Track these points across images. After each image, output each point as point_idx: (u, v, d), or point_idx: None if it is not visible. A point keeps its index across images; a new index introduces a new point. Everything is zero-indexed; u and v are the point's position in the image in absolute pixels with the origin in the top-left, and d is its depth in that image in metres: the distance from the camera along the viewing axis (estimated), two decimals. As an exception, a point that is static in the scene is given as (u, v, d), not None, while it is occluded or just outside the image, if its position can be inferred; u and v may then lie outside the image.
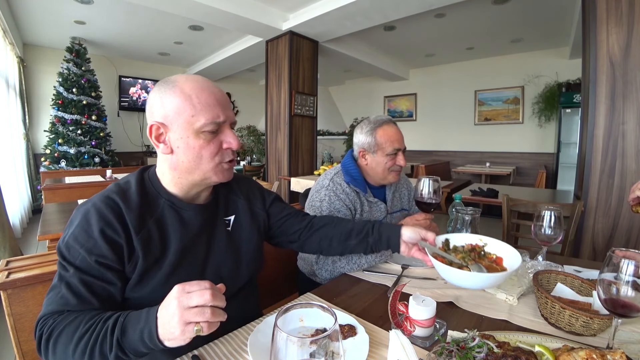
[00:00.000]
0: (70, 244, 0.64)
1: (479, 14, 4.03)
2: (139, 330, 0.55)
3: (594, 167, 2.07)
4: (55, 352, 0.59)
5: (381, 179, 1.28)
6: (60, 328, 0.59)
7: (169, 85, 0.70)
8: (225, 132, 0.72)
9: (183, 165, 0.71)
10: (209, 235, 0.79)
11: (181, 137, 0.69)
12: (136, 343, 0.55)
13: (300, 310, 0.50)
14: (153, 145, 0.73)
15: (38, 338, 0.60)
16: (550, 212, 1.02)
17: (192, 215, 0.76)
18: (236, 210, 0.87)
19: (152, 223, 0.70)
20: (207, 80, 0.73)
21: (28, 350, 0.82)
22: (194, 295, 0.53)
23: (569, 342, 0.65)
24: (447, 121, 6.63)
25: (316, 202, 1.21)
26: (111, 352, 0.55)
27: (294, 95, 4.33)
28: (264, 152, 6.70)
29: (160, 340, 0.54)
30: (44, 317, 0.62)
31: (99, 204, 0.67)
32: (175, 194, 0.75)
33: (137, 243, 0.67)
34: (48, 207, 2.16)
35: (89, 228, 0.64)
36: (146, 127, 0.73)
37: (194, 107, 0.68)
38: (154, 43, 5.32)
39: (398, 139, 1.23)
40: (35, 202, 4.96)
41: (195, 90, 0.69)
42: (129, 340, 0.55)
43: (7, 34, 3.83)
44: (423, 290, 0.95)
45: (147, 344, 0.55)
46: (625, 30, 1.90)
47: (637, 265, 0.55)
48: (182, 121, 0.68)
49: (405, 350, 0.50)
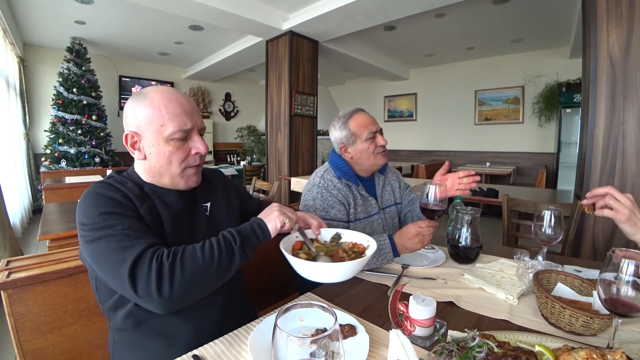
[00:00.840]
0: (102, 214, 0.68)
1: (479, 14, 4.03)
2: (249, 227, 0.76)
3: (594, 167, 2.07)
4: (183, 268, 0.64)
5: (371, 166, 1.28)
6: (181, 249, 0.67)
7: (141, 97, 0.76)
8: (193, 138, 0.79)
9: (155, 169, 0.78)
10: (190, 219, 0.84)
11: (153, 145, 0.76)
12: (251, 236, 0.74)
13: (300, 310, 0.50)
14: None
15: (157, 267, 0.62)
16: (550, 212, 1.02)
17: (173, 199, 0.81)
18: (212, 197, 0.92)
19: (149, 201, 0.77)
20: (175, 90, 0.80)
21: (28, 350, 0.82)
22: (286, 210, 0.80)
23: (569, 342, 0.65)
24: (447, 121, 6.63)
25: (309, 200, 1.21)
26: (235, 243, 0.71)
27: (294, 95, 4.33)
28: (264, 152, 6.71)
29: (265, 223, 0.77)
30: (146, 252, 0.64)
31: (103, 185, 0.74)
32: (155, 184, 0.81)
33: (143, 213, 0.73)
34: (48, 207, 2.16)
35: (112, 199, 0.71)
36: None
37: (162, 117, 0.74)
38: (154, 43, 5.32)
39: (371, 122, 1.26)
40: (35, 202, 4.96)
41: (164, 101, 0.75)
42: (245, 238, 0.73)
43: (7, 34, 3.83)
44: (423, 290, 0.95)
45: (258, 233, 0.75)
46: (625, 30, 1.90)
47: (637, 265, 0.55)
48: (152, 130, 0.75)
49: (405, 350, 0.50)
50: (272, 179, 4.75)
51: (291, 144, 4.44)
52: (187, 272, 0.64)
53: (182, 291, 0.64)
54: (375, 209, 1.31)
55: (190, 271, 0.64)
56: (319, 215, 1.16)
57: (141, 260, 0.63)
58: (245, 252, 0.72)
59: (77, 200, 0.72)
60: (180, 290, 0.63)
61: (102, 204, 0.69)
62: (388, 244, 1.07)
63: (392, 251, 1.07)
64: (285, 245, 0.83)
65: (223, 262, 0.68)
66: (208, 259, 0.67)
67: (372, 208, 1.30)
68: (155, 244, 0.68)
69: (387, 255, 1.07)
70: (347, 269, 0.76)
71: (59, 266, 0.90)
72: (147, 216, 0.74)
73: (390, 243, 1.08)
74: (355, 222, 1.24)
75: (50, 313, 0.86)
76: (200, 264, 0.66)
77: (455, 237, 1.16)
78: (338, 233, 0.93)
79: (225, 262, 0.69)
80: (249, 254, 0.74)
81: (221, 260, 0.68)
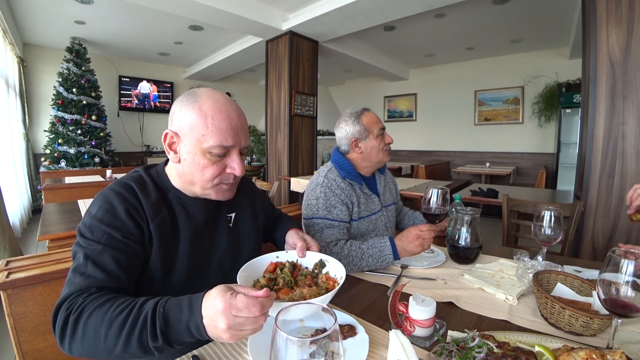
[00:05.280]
0: (94, 225, 0.66)
1: (479, 14, 4.03)
2: (185, 322, 0.53)
3: (594, 167, 2.07)
4: (84, 334, 0.56)
5: (378, 162, 1.31)
6: (92, 307, 0.57)
7: (192, 99, 0.72)
8: (232, 156, 0.74)
9: (187, 176, 0.74)
10: (212, 230, 0.82)
11: (189, 152, 0.72)
12: (182, 334, 0.54)
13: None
14: (153, 146, 0.75)
15: (64, 319, 0.57)
16: (550, 212, 1.02)
17: (197, 210, 0.79)
18: (238, 208, 0.89)
19: (164, 212, 0.74)
20: (229, 101, 0.74)
21: (28, 350, 0.82)
22: (243, 320, 0.52)
23: (569, 342, 0.65)
24: (447, 121, 6.63)
25: (312, 200, 1.21)
26: (154, 341, 0.53)
27: (294, 95, 4.33)
28: (264, 152, 6.70)
29: (208, 336, 0.53)
30: (71, 296, 0.60)
31: (118, 189, 0.71)
32: (182, 191, 0.79)
33: (152, 228, 0.70)
34: (48, 207, 2.16)
35: (114, 210, 0.68)
36: (145, 127, 0.75)
37: (206, 127, 0.69)
38: (154, 43, 5.32)
39: (379, 120, 1.32)
40: (35, 202, 4.96)
41: (213, 110, 0.70)
42: (174, 331, 0.54)
43: (7, 34, 3.83)
44: (423, 290, 0.95)
45: (195, 336, 0.54)
46: (625, 30, 1.90)
47: (637, 265, 0.55)
48: (192, 137, 0.71)
49: (405, 350, 0.50)
50: (272, 179, 4.75)
51: (291, 144, 4.44)
52: (85, 342, 0.56)
53: (79, 353, 0.57)
54: (378, 206, 1.32)
55: (88, 344, 0.56)
56: (321, 215, 1.16)
57: (62, 304, 0.59)
58: (161, 351, 0.56)
59: (77, 201, 0.72)
60: (77, 351, 0.57)
61: (105, 212, 0.67)
62: (389, 246, 1.07)
63: (392, 254, 1.07)
64: (250, 268, 0.77)
65: (128, 354, 0.55)
66: (110, 344, 0.54)
67: (375, 206, 1.31)
68: (87, 287, 0.61)
69: (387, 257, 1.07)
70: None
71: (59, 266, 0.90)
72: (157, 230, 0.71)
73: (391, 245, 1.08)
74: (360, 220, 1.25)
75: (50, 313, 0.85)
76: (102, 344, 0.55)
77: (455, 238, 1.16)
78: (322, 260, 0.84)
79: (131, 353, 0.55)
80: (167, 351, 0.57)
81: (126, 351, 0.54)
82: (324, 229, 1.16)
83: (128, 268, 0.66)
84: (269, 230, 1.05)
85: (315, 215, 1.18)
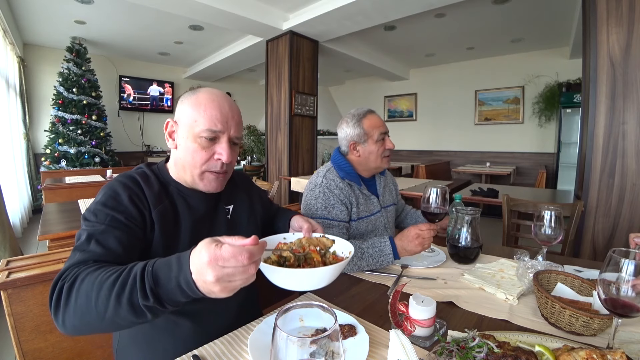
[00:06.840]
0: (98, 209, 0.70)
1: (479, 14, 4.02)
2: (174, 279, 0.51)
3: (594, 166, 2.07)
4: (76, 301, 0.55)
5: (375, 168, 1.30)
6: (85, 274, 0.57)
7: (193, 92, 0.80)
8: (221, 143, 0.78)
9: (180, 161, 0.80)
10: (211, 221, 0.85)
11: (183, 137, 0.78)
12: (173, 292, 0.51)
13: (300, 310, 0.50)
14: (153, 146, 0.77)
15: (58, 289, 0.57)
16: (550, 212, 1.02)
17: (197, 201, 0.82)
18: (235, 200, 0.92)
19: (166, 202, 0.77)
20: (224, 96, 0.81)
21: (28, 350, 0.82)
22: (231, 270, 0.48)
23: (569, 342, 0.65)
24: (447, 121, 6.63)
25: (311, 200, 1.21)
26: (145, 300, 0.51)
27: (294, 95, 4.33)
28: (264, 152, 6.71)
29: (201, 292, 0.50)
30: (68, 268, 0.61)
31: (123, 179, 0.76)
32: (181, 183, 0.82)
33: (155, 215, 0.74)
34: (48, 207, 2.16)
35: (118, 196, 0.72)
36: (145, 127, 0.77)
37: (199, 113, 0.76)
38: (154, 43, 5.32)
39: (382, 124, 1.28)
40: (35, 202, 4.96)
41: (206, 100, 0.77)
42: (165, 290, 0.52)
43: (7, 34, 3.83)
44: (423, 290, 0.95)
45: (188, 293, 0.51)
46: (625, 30, 1.90)
47: (637, 265, 0.55)
48: (187, 123, 0.77)
49: (405, 350, 0.50)
50: (272, 179, 4.75)
51: (291, 144, 4.44)
52: (77, 309, 0.55)
53: (72, 324, 0.56)
54: (377, 207, 1.31)
55: (80, 311, 0.55)
56: (320, 215, 1.16)
57: (59, 278, 0.59)
58: (154, 312, 0.54)
59: (77, 200, 0.72)
60: (69, 322, 0.56)
61: (109, 198, 0.71)
62: (389, 246, 1.08)
63: (392, 253, 1.07)
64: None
65: (120, 317, 0.53)
66: (101, 307, 0.53)
67: (374, 206, 1.31)
68: (84, 260, 0.61)
69: (387, 257, 1.07)
70: (315, 275, 0.63)
71: (59, 266, 0.90)
72: (159, 217, 0.74)
73: (391, 245, 1.08)
74: (359, 221, 1.24)
75: (50, 313, 0.86)
76: (93, 308, 0.54)
77: (455, 237, 1.16)
78: (331, 239, 0.84)
79: (123, 317, 0.53)
80: (161, 313, 0.55)
81: (117, 314, 0.53)
82: (324, 229, 1.16)
83: (129, 248, 0.68)
84: (268, 223, 1.05)
85: (314, 215, 1.18)
